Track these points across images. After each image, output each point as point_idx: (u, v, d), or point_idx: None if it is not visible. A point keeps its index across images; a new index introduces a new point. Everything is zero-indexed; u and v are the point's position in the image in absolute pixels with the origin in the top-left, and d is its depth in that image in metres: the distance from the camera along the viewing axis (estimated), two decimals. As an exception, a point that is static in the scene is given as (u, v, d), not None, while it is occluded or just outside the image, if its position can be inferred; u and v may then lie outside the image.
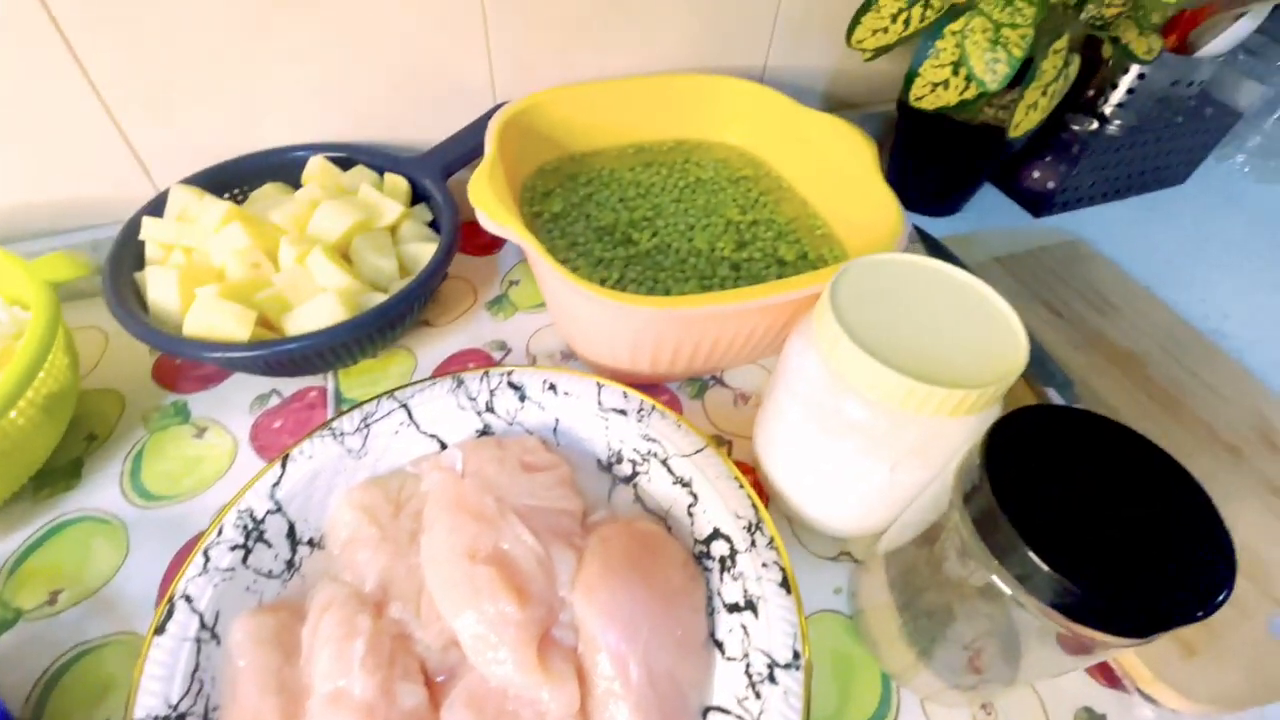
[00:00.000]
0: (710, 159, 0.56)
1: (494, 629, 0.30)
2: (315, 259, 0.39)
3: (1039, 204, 0.64)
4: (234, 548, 0.33)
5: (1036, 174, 0.64)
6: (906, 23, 0.51)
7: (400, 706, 0.29)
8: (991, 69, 0.46)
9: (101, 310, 0.47)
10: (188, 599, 0.31)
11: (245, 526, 0.34)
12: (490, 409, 0.41)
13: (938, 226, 0.61)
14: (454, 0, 0.46)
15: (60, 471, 0.40)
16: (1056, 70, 0.48)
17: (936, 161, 0.60)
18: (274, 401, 0.44)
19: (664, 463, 0.38)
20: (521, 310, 0.51)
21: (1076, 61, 0.49)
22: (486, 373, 0.41)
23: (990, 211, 0.65)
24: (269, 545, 0.34)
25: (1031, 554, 0.23)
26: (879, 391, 0.29)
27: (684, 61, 0.57)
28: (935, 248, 0.57)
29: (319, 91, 0.48)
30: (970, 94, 0.50)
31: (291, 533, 0.35)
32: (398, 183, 0.47)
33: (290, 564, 0.35)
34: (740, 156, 0.57)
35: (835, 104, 0.66)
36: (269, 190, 0.47)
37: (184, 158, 0.47)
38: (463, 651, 0.32)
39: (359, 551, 0.34)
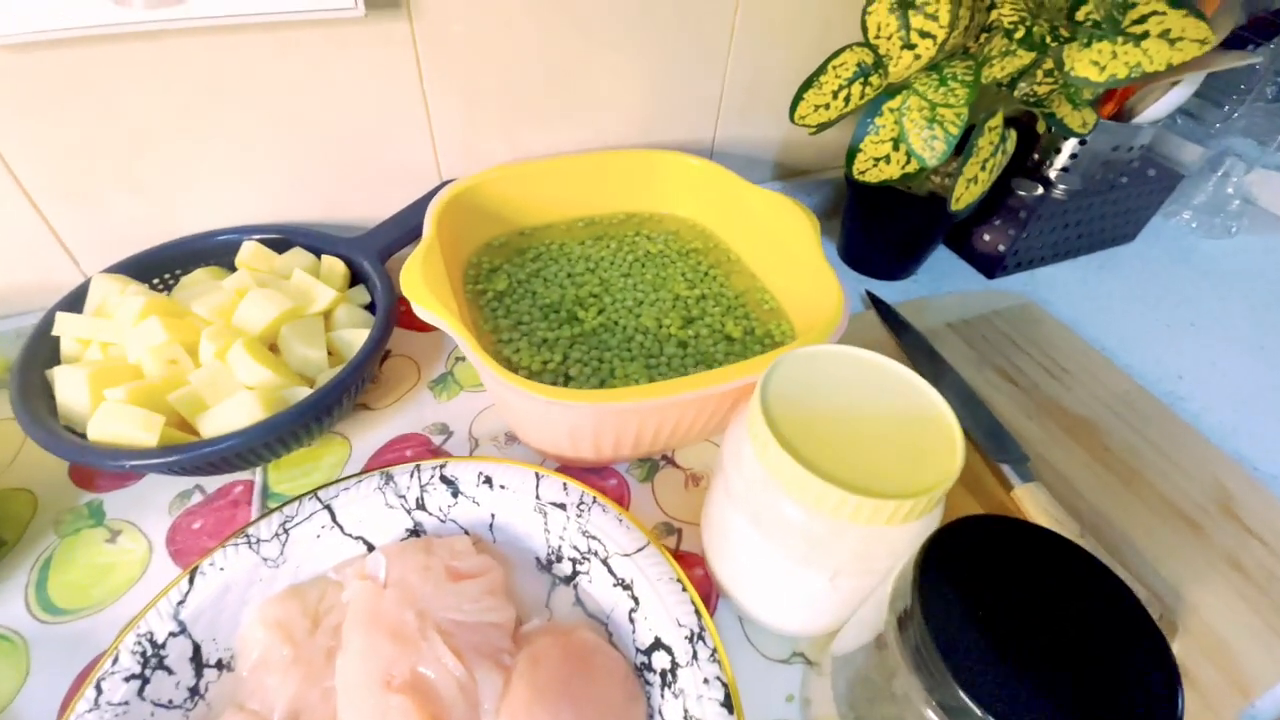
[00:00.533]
0: (661, 231, 0.56)
1: (405, 767, 0.28)
2: (236, 354, 0.37)
3: (991, 266, 0.65)
4: (129, 678, 0.30)
5: (987, 237, 0.65)
6: (847, 100, 0.52)
7: None
8: (929, 145, 0.47)
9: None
10: (67, 745, 0.28)
11: (143, 653, 0.31)
12: (421, 506, 0.39)
13: (892, 290, 0.61)
14: (392, 83, 0.46)
15: (-44, 585, 0.37)
16: (993, 146, 0.48)
17: (887, 228, 0.60)
18: (196, 499, 0.41)
19: (605, 562, 0.36)
20: (466, 389, 0.49)
21: (1013, 136, 0.50)
22: (418, 466, 0.39)
23: (944, 274, 0.65)
24: (170, 672, 0.31)
25: (962, 693, 0.21)
26: (811, 499, 0.27)
27: (633, 136, 0.57)
28: (887, 313, 0.57)
29: (255, 173, 0.47)
30: (912, 168, 0.50)
31: (197, 655, 0.32)
32: (334, 265, 0.46)
33: (194, 691, 0.32)
34: (690, 229, 0.56)
35: (786, 172, 0.67)
36: (200, 276, 0.45)
37: (114, 244, 0.45)
38: (376, 791, 0.29)
39: (268, 675, 0.32)
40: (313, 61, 0.43)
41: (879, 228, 0.61)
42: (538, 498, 0.38)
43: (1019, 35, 0.39)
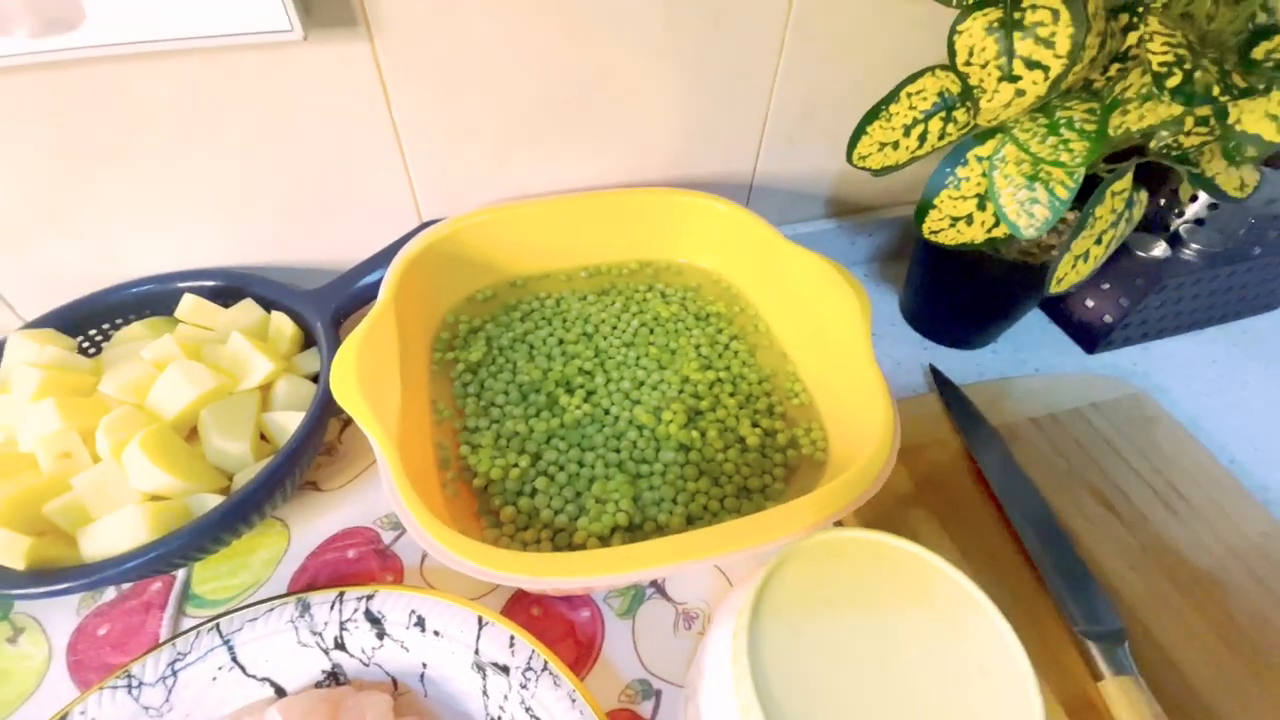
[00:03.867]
0: (679, 286, 0.47)
1: None
2: (131, 453, 0.31)
3: (1093, 338, 0.52)
4: None
5: (1091, 304, 0.52)
6: (922, 138, 0.41)
7: None
8: (1027, 211, 0.36)
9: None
10: None
11: (-28, 840, 0.26)
12: (341, 646, 0.32)
13: (962, 363, 0.50)
14: (354, 111, 0.39)
15: None
16: (1115, 215, 0.36)
17: (963, 289, 0.49)
18: (110, 594, 0.36)
19: (545, 755, 0.29)
20: (433, 471, 0.43)
21: (1142, 200, 0.38)
22: (340, 595, 0.33)
23: (1031, 342, 0.53)
24: None
25: None
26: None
27: (656, 169, 0.48)
28: (954, 400, 0.46)
29: (205, 212, 0.41)
30: (1000, 233, 0.39)
31: (45, 836, 0.27)
32: (283, 325, 0.39)
33: None
34: (714, 285, 0.47)
35: (841, 208, 0.56)
36: (136, 330, 0.40)
37: (57, 291, 0.40)
38: None
39: None
40: (253, 89, 0.35)
41: (952, 287, 0.49)
42: (477, 652, 0.31)
43: (1173, 82, 0.27)
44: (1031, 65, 0.35)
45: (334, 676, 0.32)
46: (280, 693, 0.32)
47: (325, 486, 0.41)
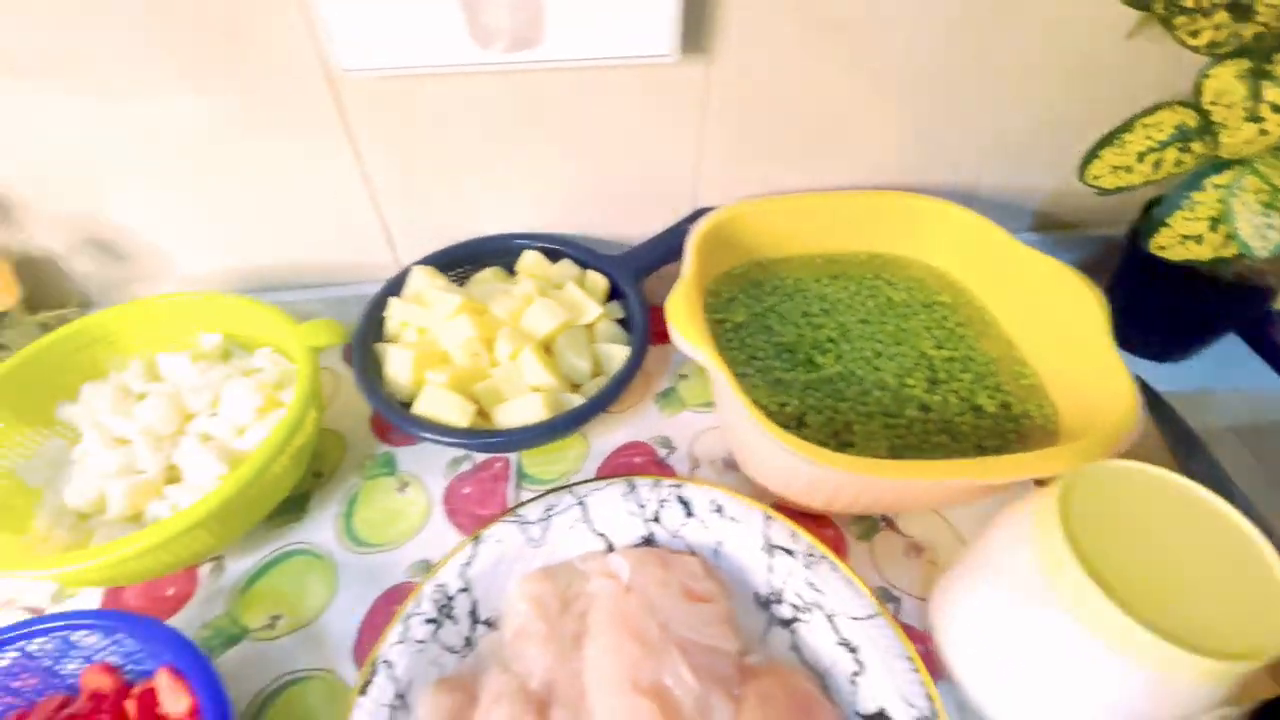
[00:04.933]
0: (904, 277, 0.54)
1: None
2: (526, 358, 0.43)
3: (1294, 363, 0.55)
4: (428, 620, 0.36)
5: (1295, 330, 0.55)
6: (1156, 165, 0.46)
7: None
8: (1262, 235, 0.41)
9: (335, 354, 0.55)
10: (388, 664, 0.35)
11: (439, 602, 0.37)
12: (657, 519, 0.42)
13: (1162, 375, 0.55)
14: (677, 118, 0.49)
15: (292, 502, 0.46)
16: (1352, 242, 0.41)
17: (1171, 306, 0.54)
18: (466, 466, 0.48)
19: (830, 619, 0.37)
20: (688, 407, 0.52)
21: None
22: (658, 481, 0.43)
23: (1225, 363, 0.57)
24: (455, 621, 0.37)
25: None
26: (1117, 641, 0.26)
27: (886, 174, 0.56)
28: (1158, 405, 0.51)
29: (541, 189, 0.53)
30: (1229, 252, 0.44)
31: (474, 611, 0.38)
32: (598, 281, 0.50)
33: (468, 641, 0.38)
34: (938, 279, 0.54)
35: (1047, 223, 0.61)
36: (488, 275, 0.52)
37: (423, 235, 0.54)
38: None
39: (528, 645, 0.37)
40: (617, 98, 0.47)
41: (1160, 304, 0.54)
42: (766, 539, 0.40)
43: None
44: (1277, 109, 0.40)
45: (648, 541, 0.42)
46: (610, 547, 0.42)
47: (609, 410, 0.52)
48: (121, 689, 0.35)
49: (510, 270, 0.54)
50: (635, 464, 0.48)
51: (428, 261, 0.51)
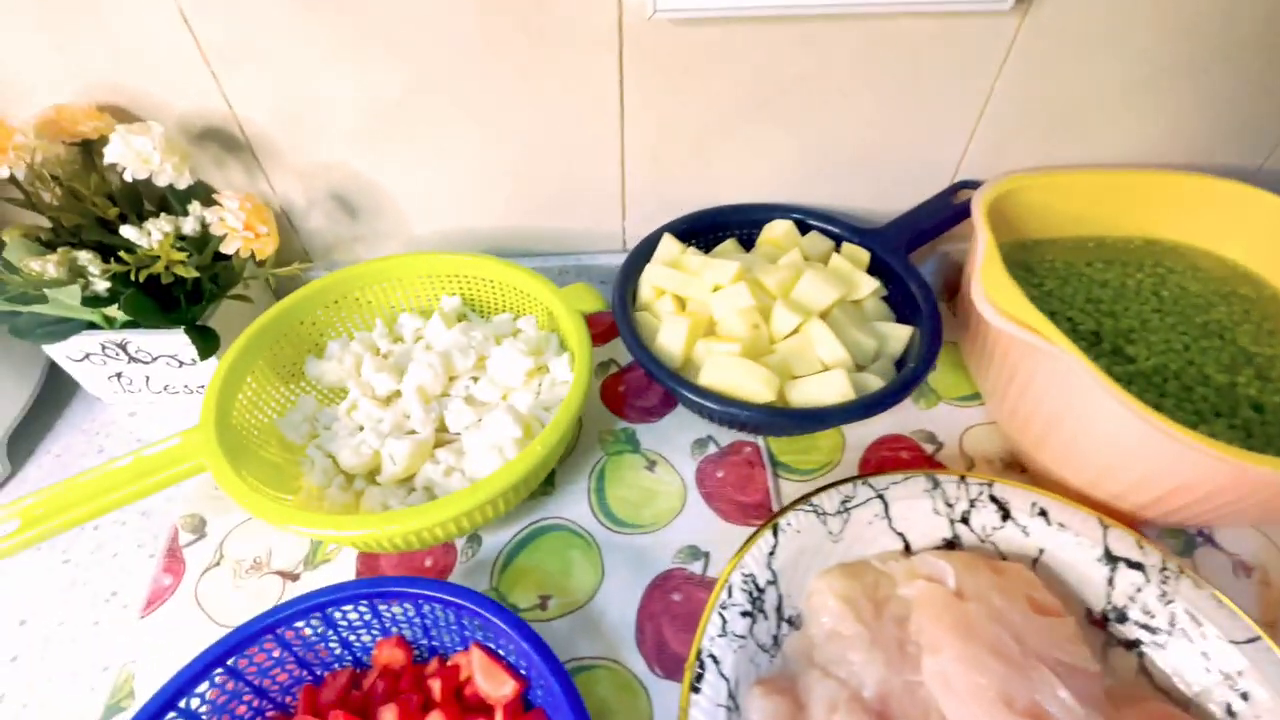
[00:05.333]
0: (1185, 265, 0.49)
1: (1043, 803, 0.27)
2: (819, 332, 0.39)
3: None
4: (744, 614, 0.33)
5: None
6: None
7: None
8: None
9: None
10: (715, 659, 0.31)
11: (751, 593, 0.34)
12: (965, 520, 0.38)
13: None
14: (968, 80, 0.44)
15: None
16: None
17: None
18: (712, 449, 0.45)
19: (1194, 643, 0.32)
20: (945, 400, 0.48)
21: None
22: (963, 479, 0.38)
23: None
24: (765, 617, 0.34)
25: None
26: None
27: (1166, 154, 0.50)
28: None
29: (783, 157, 0.49)
30: None
31: (779, 607, 0.35)
32: (858, 254, 0.46)
33: (775, 640, 0.34)
34: (1228, 270, 0.48)
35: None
36: (729, 246, 0.48)
37: (655, 204, 0.50)
38: (984, 807, 0.29)
39: (850, 650, 0.33)
40: (908, 55, 0.42)
41: None
42: (1106, 548, 0.35)
43: None
44: None
45: (950, 545, 0.38)
46: (907, 548, 0.38)
47: (858, 397, 0.48)
48: (412, 666, 0.33)
49: (745, 244, 0.50)
50: (902, 459, 0.44)
51: (669, 229, 0.48)
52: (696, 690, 0.30)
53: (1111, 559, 0.35)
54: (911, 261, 0.46)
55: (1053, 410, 0.38)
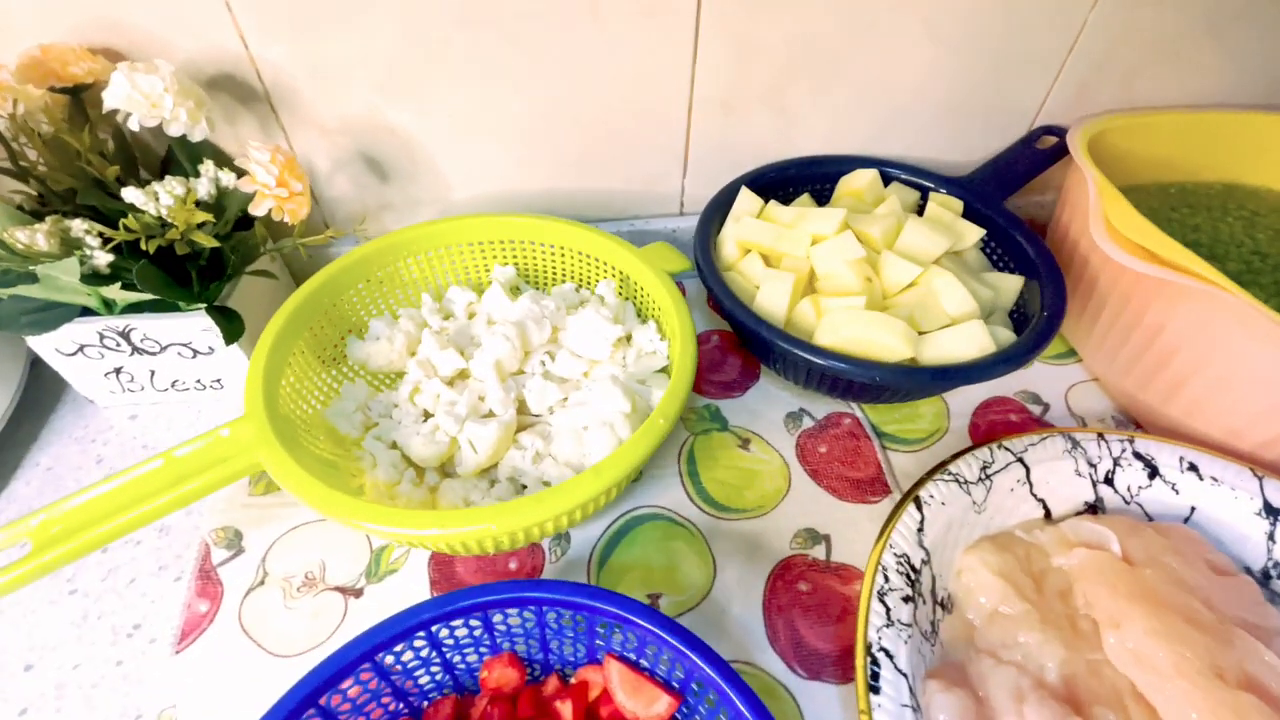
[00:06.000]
0: (1269, 209, 0.47)
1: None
2: (942, 281, 0.35)
3: None
4: (905, 599, 0.29)
5: None
6: None
7: None
8: None
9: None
10: (888, 653, 0.27)
11: (908, 575, 0.30)
12: (1109, 481, 0.35)
13: None
14: (1057, 15, 0.41)
15: (621, 462, 0.39)
16: None
17: None
18: (807, 423, 0.41)
19: (1392, 597, 0.30)
20: (1041, 359, 0.45)
21: None
22: (1102, 436, 0.35)
23: None
24: (923, 601, 0.30)
25: None
26: None
27: (1246, 94, 0.48)
28: None
29: (860, 106, 0.45)
30: None
31: (934, 588, 0.31)
32: (951, 204, 0.43)
33: (934, 627, 0.30)
34: (1315, 211, 0.47)
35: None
36: (805, 200, 0.44)
37: (715, 163, 0.46)
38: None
39: (1019, 631, 0.29)
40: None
41: None
42: (1265, 500, 0.33)
43: None
44: None
45: (1092, 509, 0.35)
46: (1047, 514, 0.35)
47: (951, 359, 0.45)
48: (526, 688, 0.28)
49: (818, 200, 0.46)
50: (1012, 423, 0.41)
51: (744, 182, 0.43)
52: (876, 690, 0.26)
53: (1271, 511, 0.33)
54: (1007, 210, 0.42)
55: (1191, 356, 0.35)
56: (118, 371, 0.40)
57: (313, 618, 0.33)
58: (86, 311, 0.37)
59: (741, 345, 0.45)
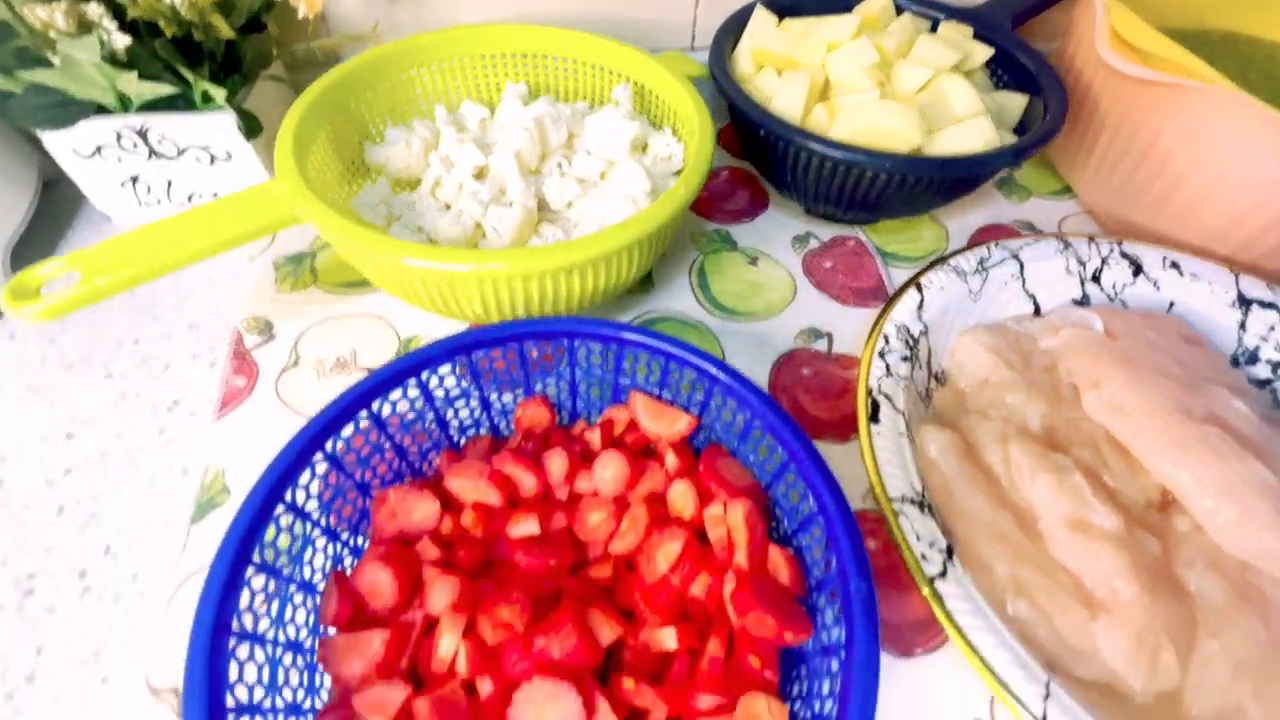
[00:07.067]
0: (1263, 55, 0.48)
1: (1235, 492, 0.27)
2: (951, 84, 0.36)
3: None
4: (904, 358, 0.31)
5: None
6: None
7: (1144, 549, 0.27)
8: None
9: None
10: (887, 397, 0.30)
11: (907, 341, 0.32)
12: (1096, 279, 0.37)
13: None
14: None
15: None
16: None
17: None
18: (813, 244, 0.43)
19: (1344, 367, 0.33)
20: (1036, 195, 0.47)
21: None
22: (1093, 239, 0.37)
23: None
24: (920, 366, 0.33)
25: None
26: None
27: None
28: None
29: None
30: None
31: (929, 361, 0.33)
32: (961, 29, 0.43)
33: (927, 393, 0.33)
34: (1308, 57, 0.48)
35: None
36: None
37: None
38: (1164, 514, 0.29)
39: (1004, 394, 0.32)
40: None
41: None
42: (1239, 292, 0.35)
43: None
44: None
45: (1079, 305, 0.37)
46: (1036, 310, 0.37)
47: (952, 193, 0.46)
48: (557, 429, 0.30)
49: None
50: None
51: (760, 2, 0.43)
52: (875, 420, 0.29)
53: (1244, 302, 0.35)
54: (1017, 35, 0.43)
55: (1182, 163, 0.37)
56: (134, 181, 0.40)
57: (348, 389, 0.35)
58: (104, 111, 0.37)
59: (750, 174, 0.46)
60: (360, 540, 0.27)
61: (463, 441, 0.30)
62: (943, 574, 0.25)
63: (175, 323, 0.39)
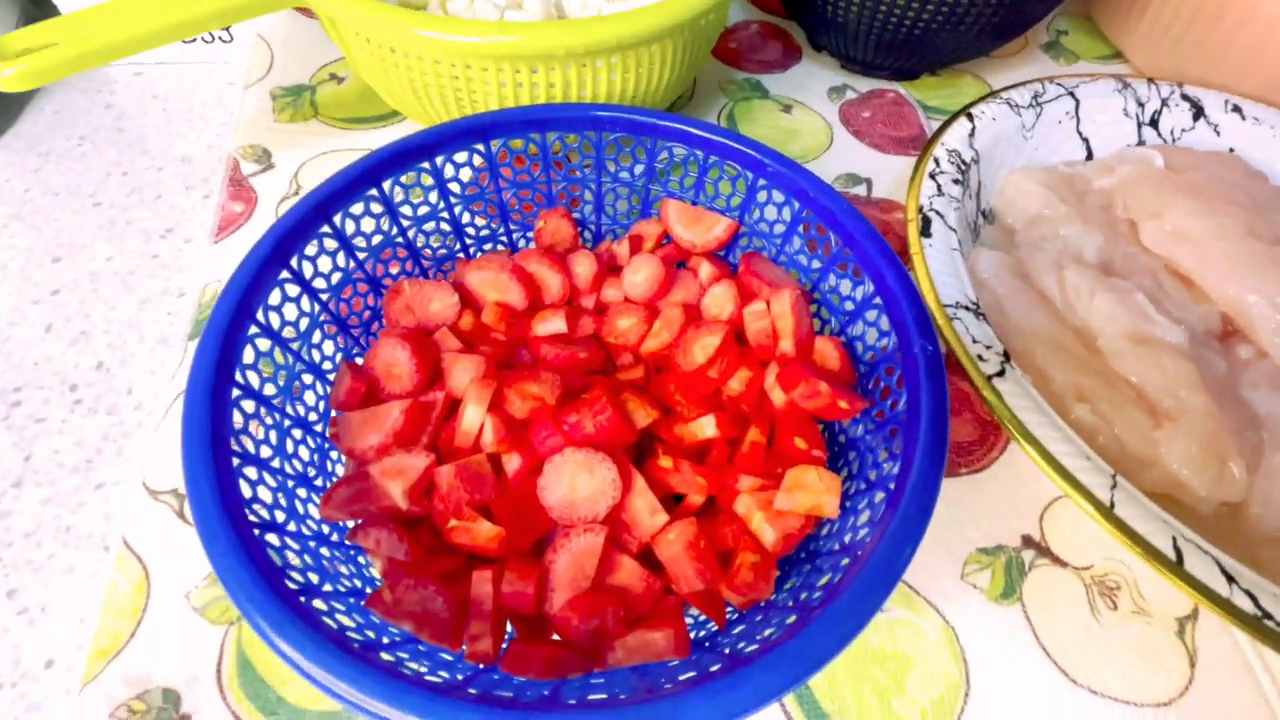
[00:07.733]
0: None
1: (1308, 313, 0.25)
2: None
3: None
4: (955, 181, 0.29)
5: None
6: None
7: (1210, 364, 0.25)
8: None
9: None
10: (938, 214, 0.28)
11: (958, 165, 0.30)
12: (1154, 123, 0.34)
13: None
14: None
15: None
16: None
17: None
18: (850, 95, 0.40)
19: None
20: (1085, 59, 0.44)
21: None
22: (1152, 81, 0.35)
23: None
24: (970, 196, 0.30)
25: None
26: None
27: None
28: None
29: None
30: None
31: (979, 194, 0.31)
32: None
33: (975, 228, 0.31)
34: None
35: None
36: None
37: None
38: (1224, 344, 0.27)
39: (1060, 226, 0.30)
40: None
41: None
42: (1307, 134, 0.33)
43: None
44: None
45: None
46: (1089, 155, 0.35)
47: (995, 55, 0.43)
48: (580, 248, 0.28)
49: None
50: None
51: None
52: (927, 235, 0.27)
53: (1314, 145, 0.33)
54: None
55: (1243, 8, 0.34)
56: (118, 3, 0.37)
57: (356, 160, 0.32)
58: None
59: (781, 29, 0.43)
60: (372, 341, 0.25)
61: (479, 256, 0.28)
62: (1001, 374, 0.23)
63: (166, 156, 0.36)
